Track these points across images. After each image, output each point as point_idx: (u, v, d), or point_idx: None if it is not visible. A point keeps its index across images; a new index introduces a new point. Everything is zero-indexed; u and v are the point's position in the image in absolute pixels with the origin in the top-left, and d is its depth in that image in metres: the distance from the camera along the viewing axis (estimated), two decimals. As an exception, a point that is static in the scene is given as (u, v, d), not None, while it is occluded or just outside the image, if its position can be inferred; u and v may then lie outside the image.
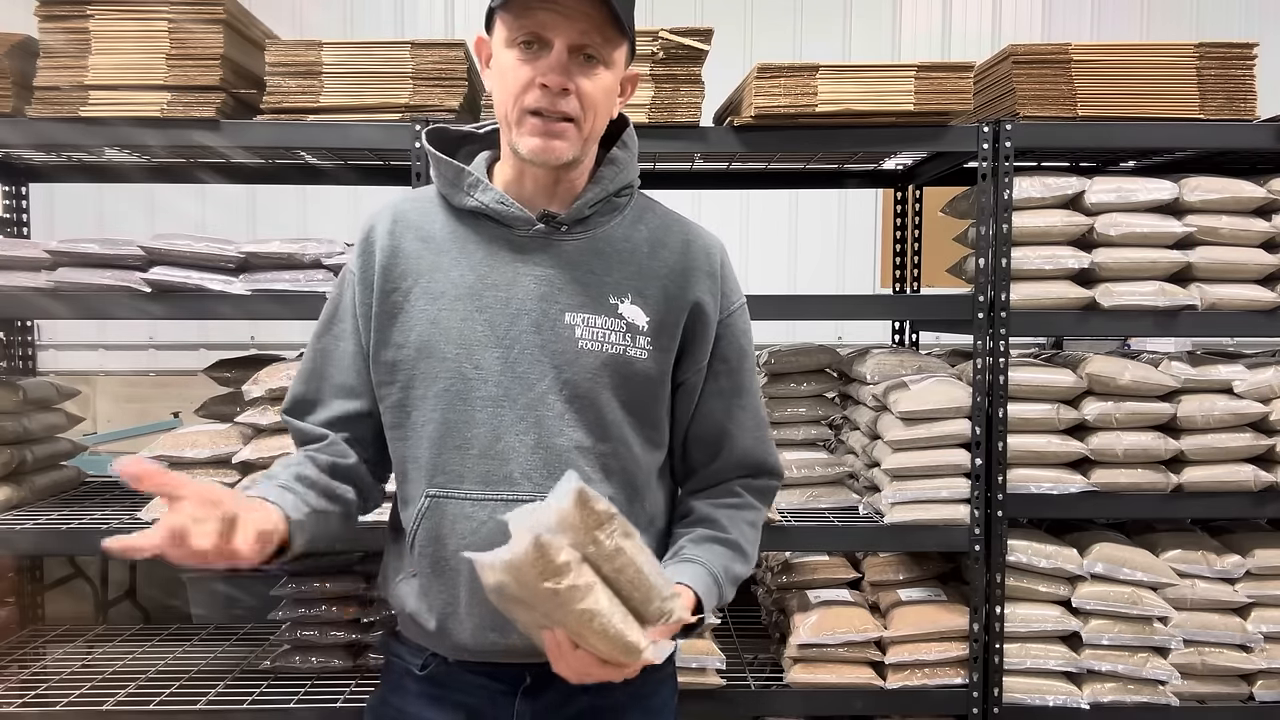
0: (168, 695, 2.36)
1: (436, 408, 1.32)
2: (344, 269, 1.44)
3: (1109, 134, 2.32)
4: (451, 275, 1.34)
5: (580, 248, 1.36)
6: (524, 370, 1.31)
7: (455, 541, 1.31)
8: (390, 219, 1.40)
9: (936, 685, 2.33)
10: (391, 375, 1.36)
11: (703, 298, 1.39)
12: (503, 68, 1.28)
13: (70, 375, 4.14)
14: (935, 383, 2.36)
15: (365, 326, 1.38)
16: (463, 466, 1.31)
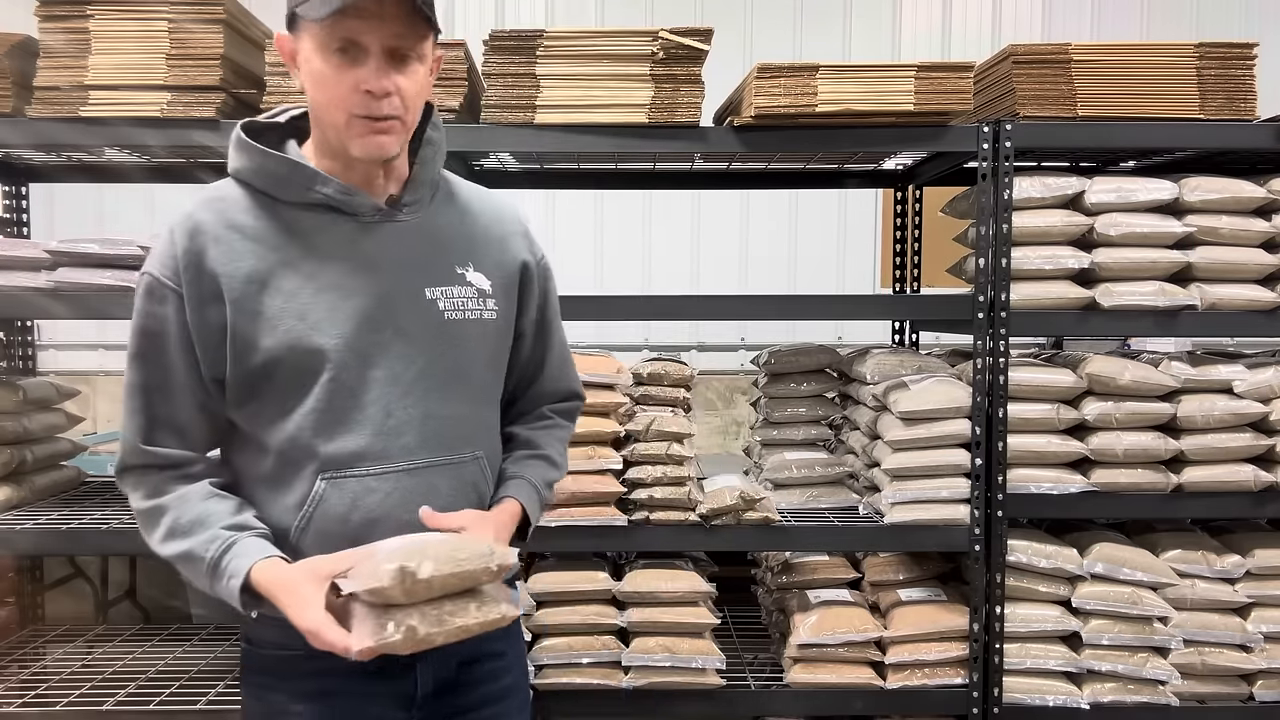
0: (168, 695, 2.36)
1: (321, 398, 1.34)
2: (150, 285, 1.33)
3: (1109, 134, 2.32)
4: (304, 269, 1.34)
5: (416, 227, 1.42)
6: (401, 349, 1.37)
7: (361, 514, 1.35)
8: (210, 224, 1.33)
9: (936, 685, 2.33)
10: (263, 378, 1.34)
11: (523, 256, 1.53)
12: (321, 75, 1.30)
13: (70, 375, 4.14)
14: (935, 383, 2.36)
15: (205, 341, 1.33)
16: (358, 446, 1.35)
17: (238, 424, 1.39)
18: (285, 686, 1.40)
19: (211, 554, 1.30)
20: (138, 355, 1.35)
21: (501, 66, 2.25)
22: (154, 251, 1.35)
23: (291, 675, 1.39)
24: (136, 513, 1.39)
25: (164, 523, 1.34)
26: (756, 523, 2.29)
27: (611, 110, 2.22)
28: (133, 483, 1.38)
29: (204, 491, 1.36)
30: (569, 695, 2.32)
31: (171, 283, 1.32)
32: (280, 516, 1.37)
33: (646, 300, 2.54)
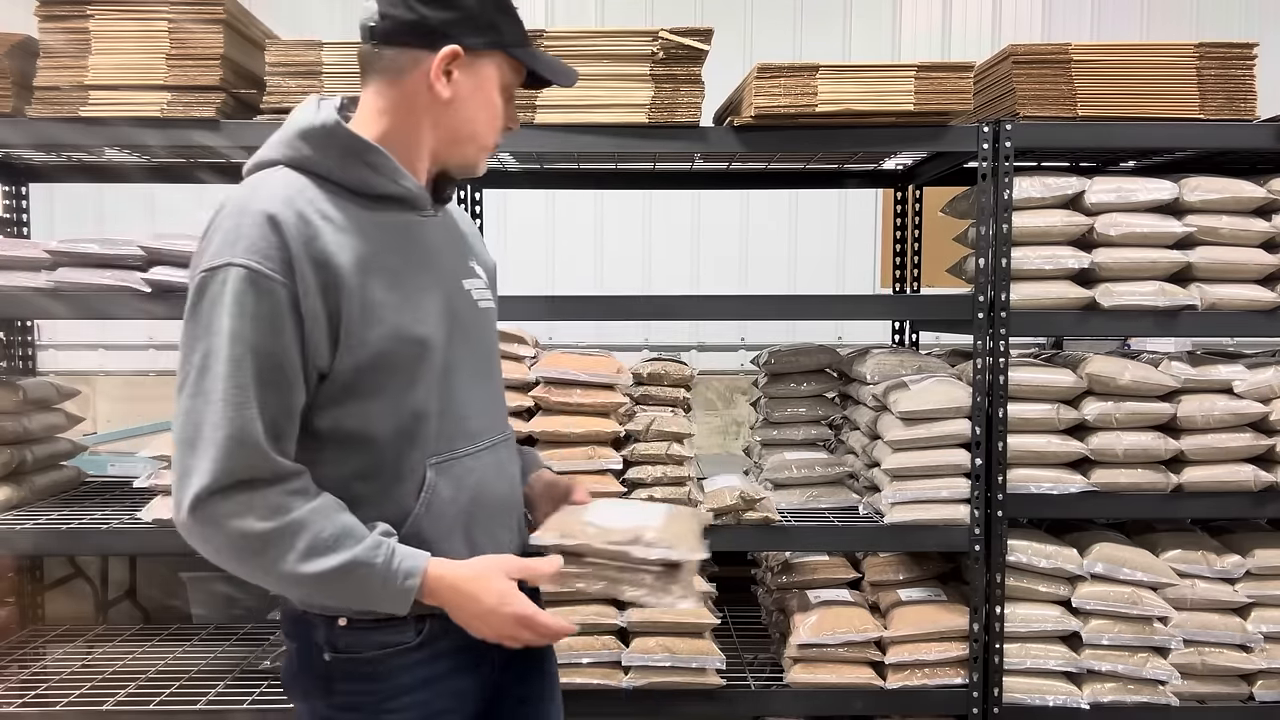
0: (168, 695, 2.36)
1: (424, 385, 1.36)
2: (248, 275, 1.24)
3: (1109, 134, 2.32)
4: (389, 261, 1.34)
5: (441, 223, 1.49)
6: (464, 336, 1.43)
7: (465, 494, 1.41)
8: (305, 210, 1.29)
9: (936, 685, 2.33)
10: (369, 370, 1.31)
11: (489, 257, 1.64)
12: (488, 103, 1.41)
13: (70, 375, 4.14)
14: (935, 383, 2.36)
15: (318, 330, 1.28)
16: (455, 429, 1.41)
17: (326, 427, 1.33)
18: (388, 685, 1.37)
19: (382, 558, 1.27)
20: (243, 354, 1.23)
21: (501, 66, 2.24)
22: (240, 239, 1.25)
23: (397, 671, 1.37)
24: (249, 536, 1.24)
25: (303, 541, 1.25)
26: (756, 523, 2.29)
27: (611, 110, 2.22)
28: (237, 504, 1.23)
29: (335, 503, 1.31)
30: (569, 695, 2.29)
31: (279, 274, 1.24)
32: (393, 507, 1.36)
33: (646, 300, 2.54)
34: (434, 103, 1.36)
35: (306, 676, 1.40)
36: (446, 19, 1.33)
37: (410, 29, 1.33)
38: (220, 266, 1.24)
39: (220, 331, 1.23)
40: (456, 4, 1.34)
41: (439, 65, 1.34)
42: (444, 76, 1.35)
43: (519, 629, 1.30)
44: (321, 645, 1.36)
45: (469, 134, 1.41)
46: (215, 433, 1.22)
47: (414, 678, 1.38)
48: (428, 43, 1.33)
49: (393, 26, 1.33)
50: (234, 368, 1.23)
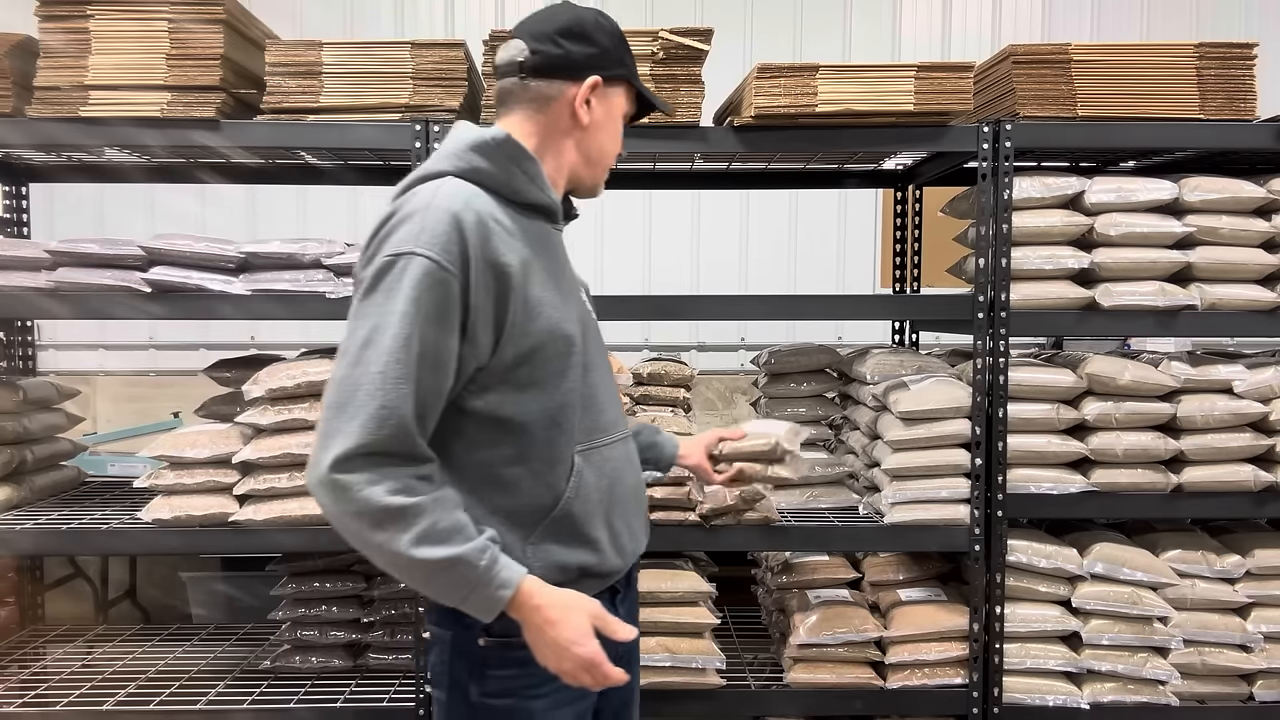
0: (168, 695, 2.36)
1: (573, 378, 1.49)
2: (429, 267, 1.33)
3: (1109, 134, 2.32)
4: (542, 264, 1.48)
5: (561, 238, 1.62)
6: (593, 337, 1.58)
7: (606, 480, 1.53)
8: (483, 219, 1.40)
9: (936, 685, 2.33)
10: (525, 362, 1.43)
11: None
12: (615, 131, 1.60)
13: (70, 375, 4.15)
14: (935, 383, 2.36)
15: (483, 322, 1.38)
16: (594, 421, 1.54)
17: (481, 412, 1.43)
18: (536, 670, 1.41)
19: (485, 562, 1.33)
20: (410, 335, 1.32)
21: (501, 66, 2.24)
22: (426, 234, 1.35)
23: None
24: (376, 508, 1.30)
25: (420, 525, 1.31)
26: (756, 523, 2.29)
27: (611, 110, 2.22)
28: (375, 473, 1.30)
29: (456, 499, 1.38)
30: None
31: (454, 268, 1.35)
32: (546, 491, 1.46)
33: (646, 300, 2.54)
34: (575, 127, 1.53)
35: (460, 663, 1.47)
36: (589, 54, 1.52)
37: (558, 63, 1.51)
38: (403, 254, 1.35)
39: (393, 312, 1.33)
40: (596, 42, 1.52)
41: (584, 94, 1.52)
42: (585, 104, 1.52)
43: (581, 670, 1.36)
44: (475, 631, 1.44)
45: (599, 155, 1.58)
46: (369, 401, 1.30)
47: None
48: (573, 75, 1.51)
49: (542, 61, 1.50)
50: (399, 345, 1.32)
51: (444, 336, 1.35)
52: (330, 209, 4.63)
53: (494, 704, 1.45)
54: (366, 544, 1.33)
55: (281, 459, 2.26)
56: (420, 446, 1.35)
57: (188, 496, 2.28)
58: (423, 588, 1.39)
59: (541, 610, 1.35)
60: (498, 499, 1.44)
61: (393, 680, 2.47)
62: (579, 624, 1.36)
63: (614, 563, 1.54)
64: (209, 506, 2.26)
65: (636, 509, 1.61)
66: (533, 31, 1.50)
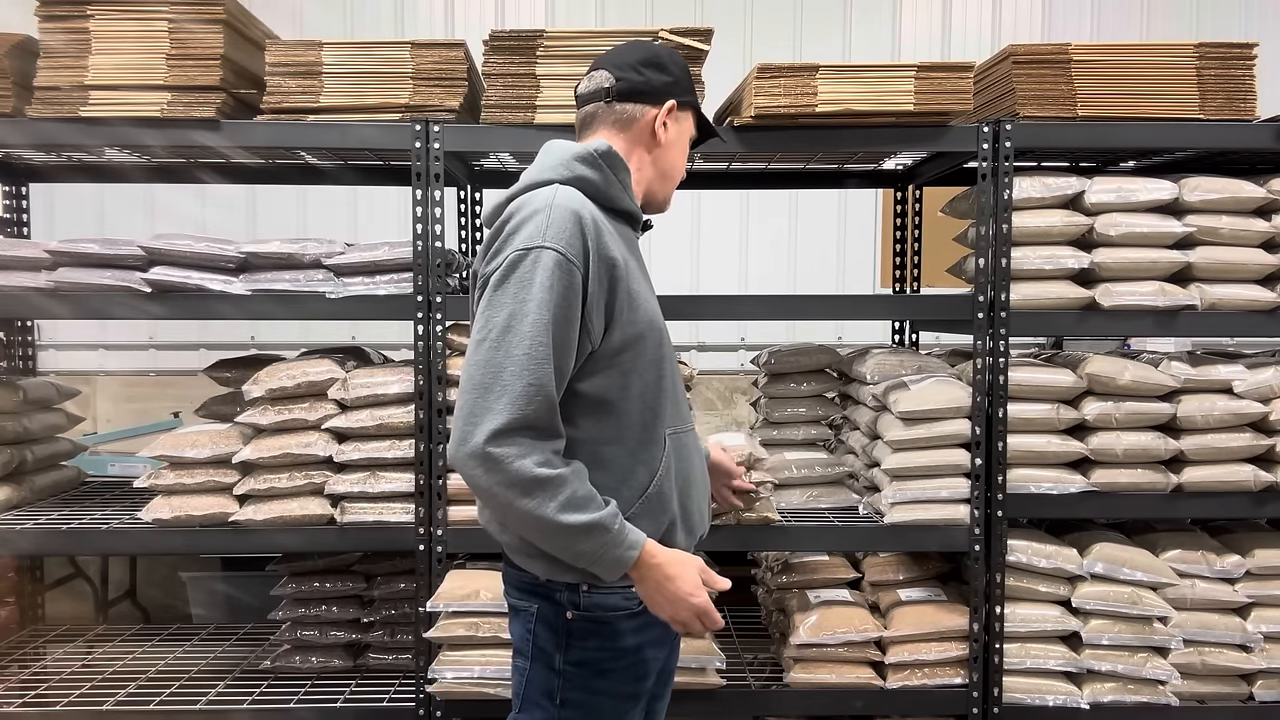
0: (168, 695, 2.36)
1: (663, 368, 1.64)
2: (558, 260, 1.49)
3: (1109, 134, 2.32)
4: (633, 264, 1.64)
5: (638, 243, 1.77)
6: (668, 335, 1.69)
7: (685, 464, 1.67)
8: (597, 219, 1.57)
9: (936, 685, 2.33)
10: (627, 349, 1.58)
11: None
12: (683, 151, 1.76)
13: (70, 375, 4.15)
14: (935, 383, 2.36)
15: (597, 310, 1.54)
16: (676, 409, 1.67)
17: (591, 394, 1.57)
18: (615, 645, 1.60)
19: (618, 526, 1.50)
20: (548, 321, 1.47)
21: (501, 66, 2.25)
22: (552, 230, 1.51)
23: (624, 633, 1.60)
24: (525, 478, 1.44)
25: (564, 494, 1.47)
26: (756, 523, 2.29)
27: (611, 110, 2.22)
28: (525, 446, 1.45)
29: (585, 472, 1.54)
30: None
31: (577, 261, 1.51)
32: (642, 470, 1.60)
33: (646, 300, 2.54)
34: (654, 145, 1.70)
35: (547, 635, 1.60)
36: (666, 82, 1.70)
37: (641, 89, 1.69)
38: (535, 248, 1.50)
39: (530, 300, 1.48)
40: (671, 72, 1.70)
41: (663, 116, 1.69)
42: (663, 126, 1.69)
43: (694, 618, 1.54)
44: (565, 606, 1.59)
45: (671, 170, 1.74)
46: (516, 381, 1.45)
47: (635, 640, 1.62)
48: (653, 99, 1.69)
49: (627, 88, 1.68)
50: (539, 330, 1.47)
51: (571, 322, 1.50)
52: (330, 209, 4.63)
53: (574, 672, 1.59)
54: (516, 512, 1.48)
55: (281, 459, 2.26)
56: (558, 421, 1.51)
57: (188, 496, 2.28)
58: (561, 549, 1.52)
59: (662, 567, 1.52)
60: (598, 475, 1.55)
61: (393, 680, 2.47)
62: (692, 578, 1.54)
63: (684, 540, 1.66)
64: (209, 506, 2.27)
65: (704, 494, 1.76)
66: (616, 63, 1.69)
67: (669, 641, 1.69)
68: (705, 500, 1.77)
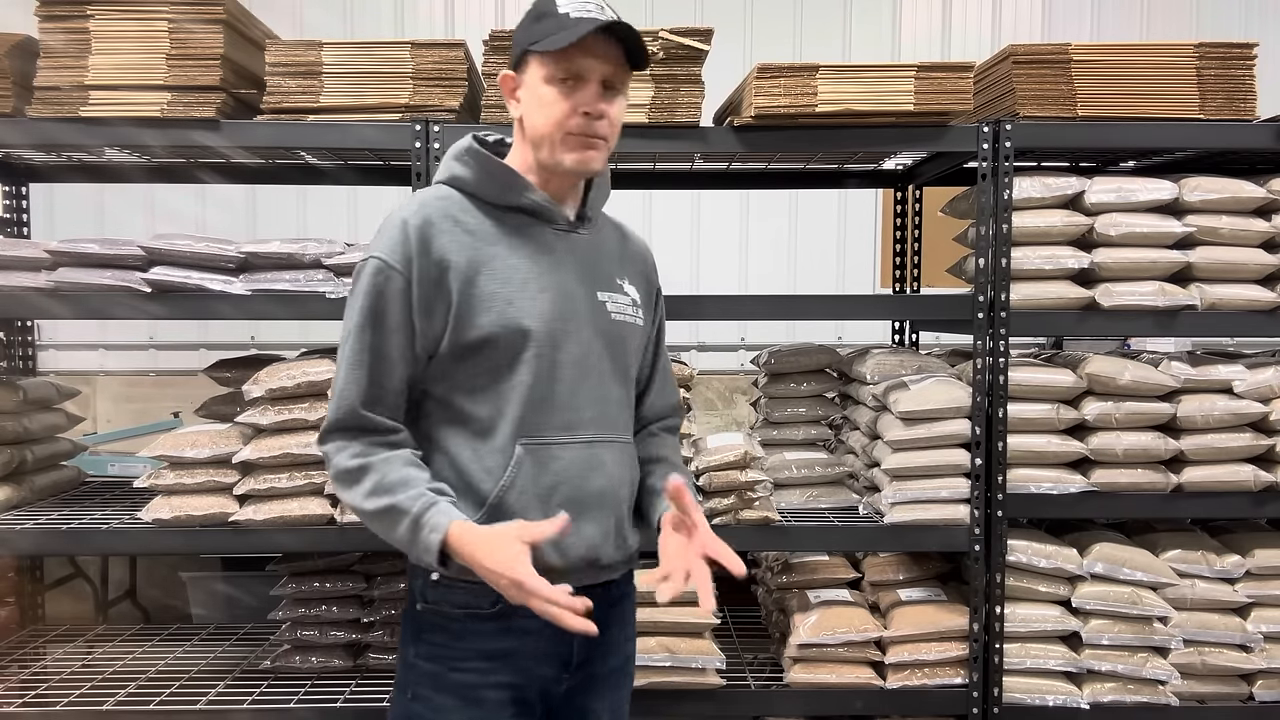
0: (168, 695, 2.36)
1: (527, 373, 1.55)
2: (378, 266, 1.52)
3: (1109, 134, 2.32)
4: (510, 262, 1.56)
5: (591, 242, 1.66)
6: (584, 338, 1.59)
7: (549, 478, 1.56)
8: (437, 217, 1.55)
9: (936, 685, 2.33)
10: (475, 352, 1.54)
11: (655, 281, 1.80)
12: (546, 99, 1.54)
13: (70, 375, 4.14)
14: (935, 383, 2.36)
15: (427, 317, 1.52)
16: (548, 418, 1.57)
17: (440, 396, 1.57)
18: (462, 645, 1.56)
19: (417, 508, 1.47)
20: (362, 327, 1.53)
21: (501, 66, 2.23)
22: (382, 238, 1.54)
23: (473, 635, 1.56)
24: (340, 471, 1.53)
25: (369, 480, 1.50)
26: (756, 523, 2.29)
27: (611, 110, 2.22)
28: (340, 443, 1.53)
29: (407, 458, 1.54)
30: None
31: (399, 266, 1.51)
32: (487, 477, 1.55)
33: (646, 300, 2.54)
34: (519, 122, 1.59)
35: (406, 622, 1.63)
36: (512, 58, 1.61)
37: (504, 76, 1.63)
38: (365, 258, 1.55)
39: (353, 309, 1.54)
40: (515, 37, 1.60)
41: (507, 94, 1.61)
42: (514, 99, 1.60)
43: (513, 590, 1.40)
44: (416, 595, 1.59)
45: (538, 134, 1.56)
46: (337, 387, 1.55)
47: (489, 646, 1.56)
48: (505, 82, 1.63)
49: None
50: (354, 337, 1.54)
51: (389, 329, 1.52)
52: (330, 209, 4.63)
53: (422, 666, 1.58)
54: (346, 502, 1.55)
55: (281, 459, 2.26)
56: (371, 420, 1.53)
57: (188, 496, 2.28)
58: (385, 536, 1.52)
59: (469, 548, 1.44)
60: (454, 478, 1.56)
61: (392, 680, 2.46)
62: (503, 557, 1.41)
63: (551, 560, 1.52)
64: (209, 506, 2.26)
65: (594, 515, 1.59)
66: None
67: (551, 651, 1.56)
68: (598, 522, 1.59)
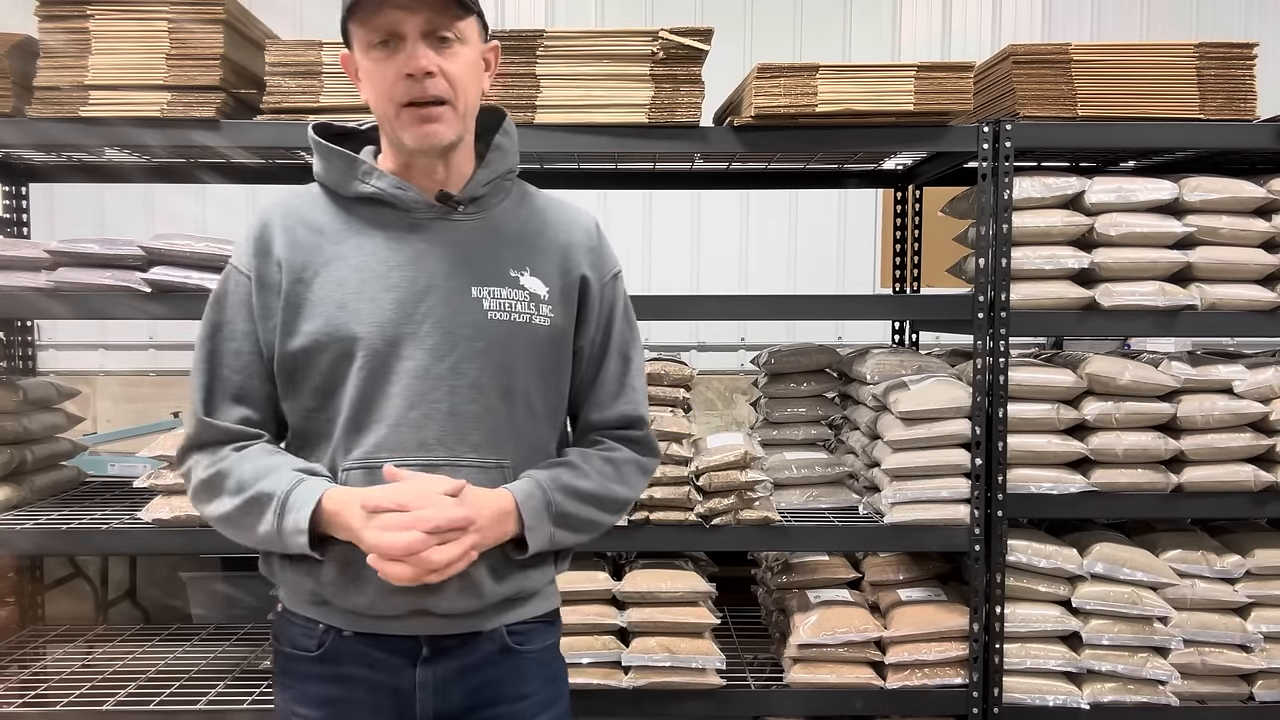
0: (168, 695, 2.36)
1: (354, 385, 1.37)
2: (228, 269, 1.43)
3: (1109, 134, 2.32)
4: (352, 262, 1.39)
5: (476, 227, 1.44)
6: (435, 343, 1.37)
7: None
8: (280, 216, 1.42)
9: (936, 685, 2.33)
10: (303, 362, 1.38)
11: (586, 271, 1.49)
12: (368, 72, 1.37)
13: (70, 375, 4.14)
14: (935, 383, 2.36)
15: (265, 324, 1.39)
16: (378, 437, 1.37)
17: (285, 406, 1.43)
18: (296, 687, 1.45)
19: (285, 487, 1.32)
20: (202, 336, 1.42)
21: (501, 66, 2.24)
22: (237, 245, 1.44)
23: (303, 677, 1.44)
24: (196, 487, 1.39)
25: (229, 483, 1.36)
26: (756, 523, 2.29)
27: (611, 110, 2.22)
28: (193, 462, 1.41)
29: (265, 449, 1.40)
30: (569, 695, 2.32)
31: (243, 269, 1.40)
32: None
33: (646, 300, 2.53)
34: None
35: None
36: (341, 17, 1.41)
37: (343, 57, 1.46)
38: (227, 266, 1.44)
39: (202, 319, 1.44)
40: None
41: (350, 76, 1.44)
42: (357, 81, 1.43)
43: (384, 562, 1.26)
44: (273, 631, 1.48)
45: (378, 114, 1.40)
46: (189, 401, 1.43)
47: (318, 692, 1.42)
48: None
49: None
50: (199, 347, 1.42)
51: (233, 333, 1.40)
52: (330, 209, 4.63)
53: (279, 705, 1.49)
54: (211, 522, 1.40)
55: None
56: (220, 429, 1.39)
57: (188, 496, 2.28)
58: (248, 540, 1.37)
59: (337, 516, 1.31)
60: None
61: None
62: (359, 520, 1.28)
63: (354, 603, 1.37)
64: (209, 506, 2.26)
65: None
66: None
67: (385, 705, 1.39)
68: None
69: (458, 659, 1.41)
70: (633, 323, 1.59)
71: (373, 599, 1.36)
